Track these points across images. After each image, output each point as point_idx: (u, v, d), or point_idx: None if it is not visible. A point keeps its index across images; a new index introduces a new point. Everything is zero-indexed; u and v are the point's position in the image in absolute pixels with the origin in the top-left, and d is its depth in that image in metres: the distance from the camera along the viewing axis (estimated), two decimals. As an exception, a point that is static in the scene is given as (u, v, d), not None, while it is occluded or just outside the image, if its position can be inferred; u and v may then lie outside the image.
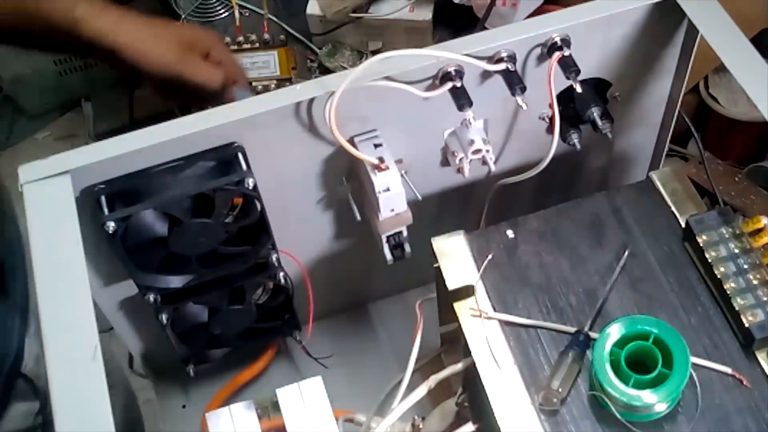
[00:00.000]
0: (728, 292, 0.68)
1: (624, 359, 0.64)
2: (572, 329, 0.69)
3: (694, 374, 0.66)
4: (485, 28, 1.01)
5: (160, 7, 1.29)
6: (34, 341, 0.84)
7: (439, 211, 0.88)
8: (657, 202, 0.76)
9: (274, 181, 0.77)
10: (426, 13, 1.11)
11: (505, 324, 0.70)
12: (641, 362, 0.65)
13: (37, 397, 0.86)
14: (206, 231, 0.73)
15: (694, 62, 0.80)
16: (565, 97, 0.79)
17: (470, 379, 0.74)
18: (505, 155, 0.86)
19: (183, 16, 1.23)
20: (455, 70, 0.73)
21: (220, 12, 1.23)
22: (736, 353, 0.67)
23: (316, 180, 0.80)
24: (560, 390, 0.66)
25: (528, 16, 1.02)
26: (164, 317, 0.80)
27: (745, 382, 0.66)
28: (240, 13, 1.21)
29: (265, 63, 1.15)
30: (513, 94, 0.75)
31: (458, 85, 0.73)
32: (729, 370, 0.66)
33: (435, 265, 0.74)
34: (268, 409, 0.84)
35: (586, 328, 0.69)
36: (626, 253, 0.73)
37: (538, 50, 0.75)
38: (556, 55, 0.74)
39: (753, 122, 1.07)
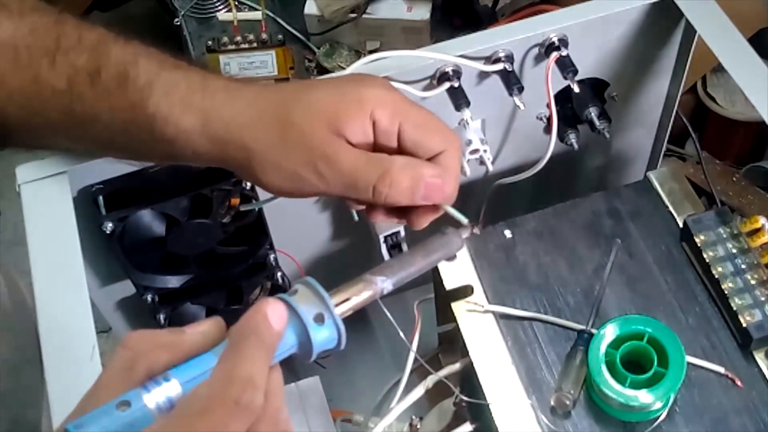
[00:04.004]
0: (726, 292, 0.68)
1: (619, 359, 0.64)
2: (572, 323, 0.70)
3: (691, 374, 0.66)
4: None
5: (156, 5, 1.29)
6: None
7: (437, 211, 0.88)
8: (655, 202, 0.76)
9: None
10: (424, 13, 1.10)
11: (502, 324, 0.70)
12: (636, 362, 0.65)
13: None
14: (204, 231, 0.73)
15: (692, 62, 0.80)
16: (563, 97, 0.80)
17: (468, 379, 0.74)
18: (503, 155, 0.86)
19: (181, 14, 1.22)
20: (453, 70, 0.73)
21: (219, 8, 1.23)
22: (733, 353, 0.67)
23: (314, 180, 0.80)
24: (572, 392, 0.66)
25: (524, 17, 1.02)
26: (162, 317, 0.80)
27: (737, 382, 0.66)
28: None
29: (262, 63, 1.15)
30: (510, 94, 0.75)
31: (456, 85, 0.73)
32: (722, 370, 0.66)
33: (433, 265, 0.74)
34: (266, 409, 0.84)
35: (588, 327, 0.69)
36: (616, 246, 0.73)
37: (535, 50, 0.76)
38: (554, 55, 0.74)
39: (751, 122, 1.07)
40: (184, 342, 0.42)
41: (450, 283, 0.72)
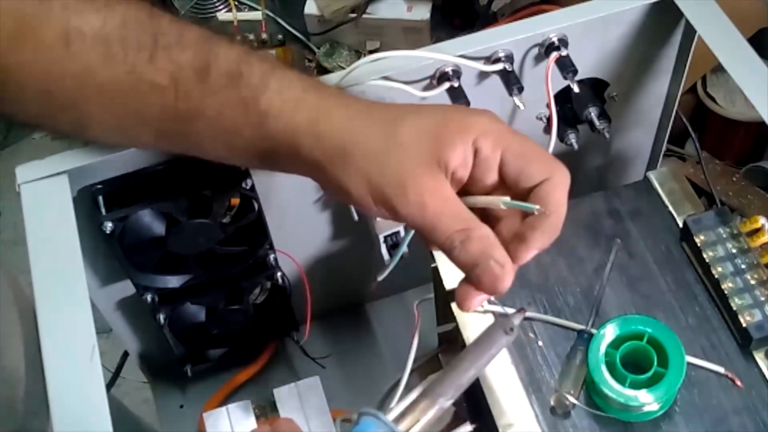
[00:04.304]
0: (726, 292, 0.68)
1: (619, 359, 0.64)
2: (572, 323, 0.70)
3: (691, 374, 0.66)
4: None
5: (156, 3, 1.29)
6: None
7: (437, 211, 0.88)
8: (655, 203, 0.76)
9: (272, 181, 0.77)
10: (424, 13, 1.11)
11: (502, 324, 0.70)
12: (636, 362, 0.65)
13: None
14: (204, 231, 0.73)
15: (692, 62, 0.80)
16: (563, 97, 0.79)
17: (468, 379, 0.74)
18: (503, 155, 0.86)
19: (181, 14, 1.22)
20: (453, 70, 0.73)
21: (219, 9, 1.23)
22: (733, 353, 0.67)
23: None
24: (572, 392, 0.66)
25: (524, 17, 1.02)
26: (162, 317, 0.80)
27: (737, 382, 0.66)
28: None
29: (262, 63, 1.15)
30: (510, 94, 0.75)
31: (456, 85, 0.73)
32: (722, 370, 0.66)
33: (432, 265, 0.74)
34: (266, 409, 0.84)
35: (588, 327, 0.69)
36: (616, 246, 0.73)
37: (535, 50, 0.76)
38: (554, 55, 0.74)
39: (751, 122, 1.07)
40: None
41: (450, 283, 0.72)
